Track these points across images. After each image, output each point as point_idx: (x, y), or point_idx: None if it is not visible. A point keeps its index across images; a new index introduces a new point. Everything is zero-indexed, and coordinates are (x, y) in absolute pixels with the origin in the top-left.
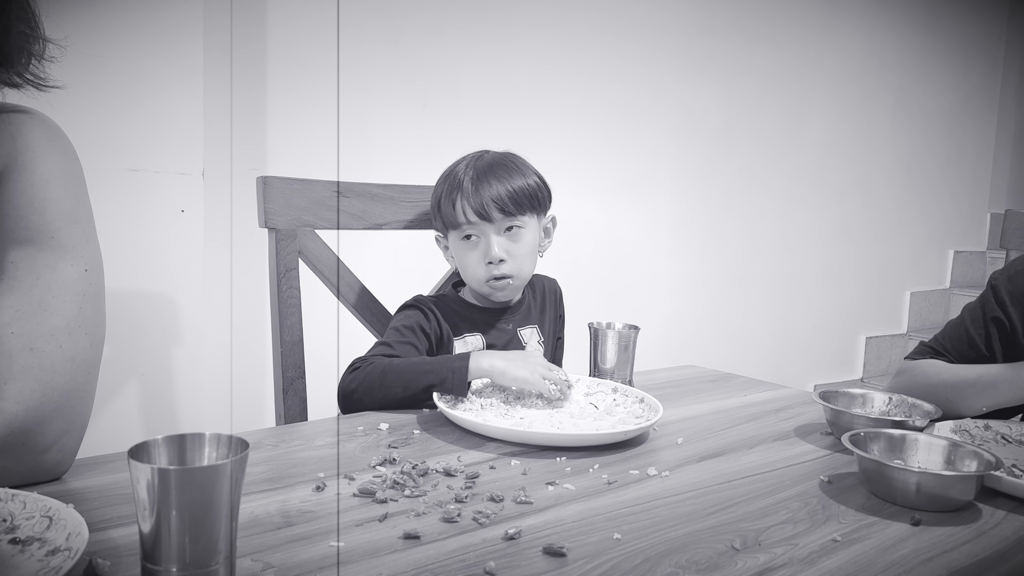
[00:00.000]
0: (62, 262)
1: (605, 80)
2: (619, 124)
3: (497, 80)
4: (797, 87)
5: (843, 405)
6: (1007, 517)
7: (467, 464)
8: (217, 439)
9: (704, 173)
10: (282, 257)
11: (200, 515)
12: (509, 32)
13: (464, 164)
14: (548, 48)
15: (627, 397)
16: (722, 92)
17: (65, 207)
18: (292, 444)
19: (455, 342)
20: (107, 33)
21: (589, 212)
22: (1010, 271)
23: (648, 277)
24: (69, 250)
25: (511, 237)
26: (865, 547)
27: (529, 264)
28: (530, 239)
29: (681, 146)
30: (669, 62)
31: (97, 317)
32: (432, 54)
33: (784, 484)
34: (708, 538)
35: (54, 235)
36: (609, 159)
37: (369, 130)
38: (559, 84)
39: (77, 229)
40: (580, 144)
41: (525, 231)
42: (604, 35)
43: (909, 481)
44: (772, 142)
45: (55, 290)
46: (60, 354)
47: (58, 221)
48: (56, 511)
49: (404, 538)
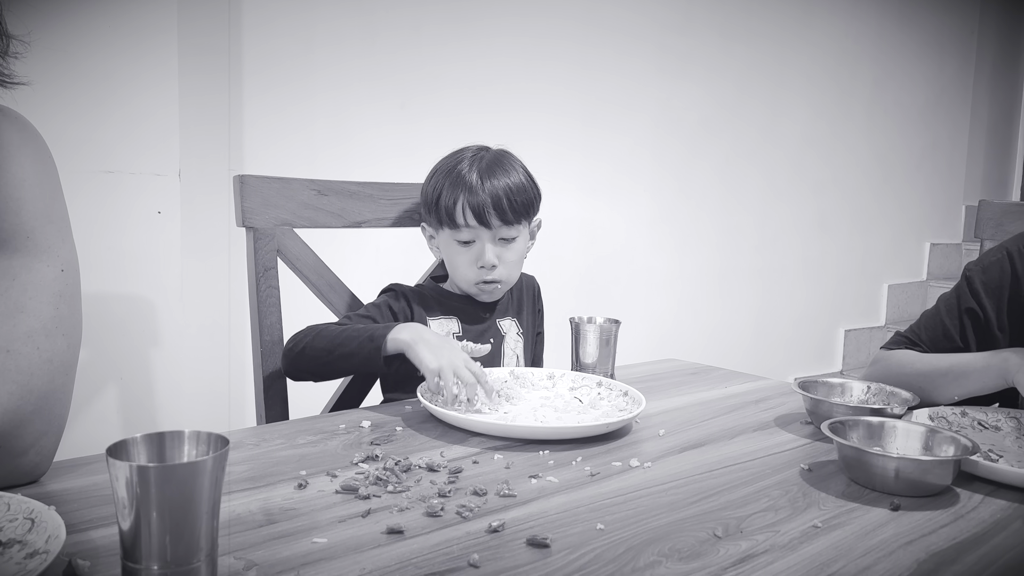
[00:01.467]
0: (38, 262)
1: (584, 77)
2: (599, 120)
3: (475, 78)
4: (774, 83)
5: (822, 394)
6: (984, 501)
7: (450, 459)
8: (196, 436)
9: (683, 169)
10: (260, 256)
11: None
12: (486, 30)
13: (467, 163)
14: (526, 46)
15: (611, 391)
16: (700, 88)
17: (40, 207)
18: (273, 443)
19: (430, 323)
20: (82, 33)
21: (570, 208)
22: (984, 262)
23: (629, 272)
24: (45, 250)
25: (504, 244)
26: (845, 532)
27: (518, 269)
28: (521, 246)
29: (660, 142)
30: (647, 58)
31: (74, 318)
32: (409, 54)
33: (765, 473)
34: (690, 527)
35: (29, 235)
36: (589, 155)
37: (347, 130)
38: (538, 81)
39: (52, 229)
40: (560, 140)
41: (518, 239)
42: (582, 32)
43: (888, 467)
44: (750, 137)
45: (31, 291)
46: (37, 356)
47: (33, 221)
48: (38, 513)
49: (387, 533)
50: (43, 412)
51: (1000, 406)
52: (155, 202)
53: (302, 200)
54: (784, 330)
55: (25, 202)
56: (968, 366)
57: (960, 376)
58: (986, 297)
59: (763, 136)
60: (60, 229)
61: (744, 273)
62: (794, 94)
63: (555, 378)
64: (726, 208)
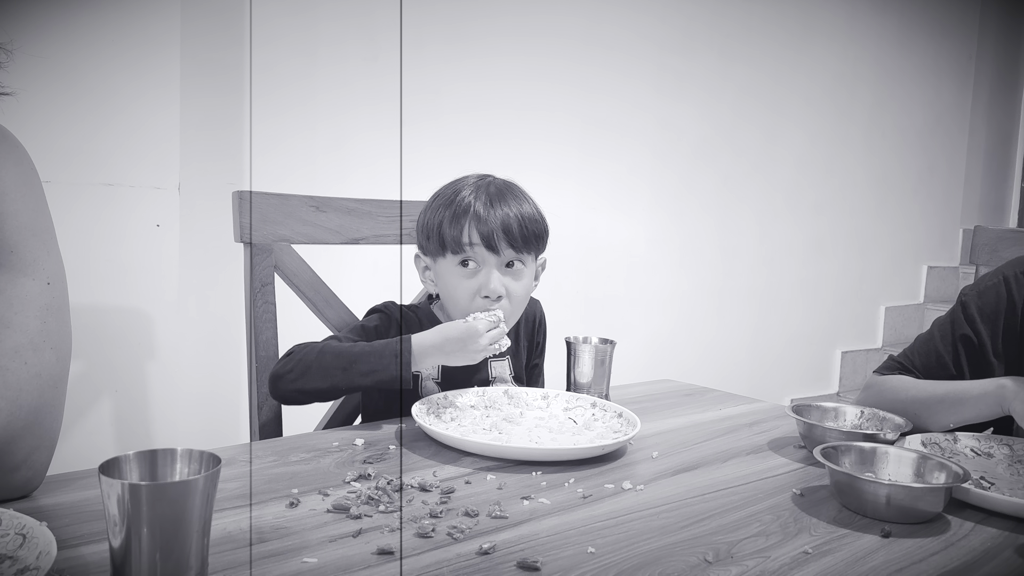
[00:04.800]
0: (23, 276)
1: (583, 97)
2: (597, 140)
3: (476, 98)
4: (772, 104)
5: (815, 418)
6: (975, 529)
7: (443, 479)
8: (189, 455)
9: (681, 189)
10: (257, 272)
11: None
12: (487, 50)
13: (469, 189)
14: (527, 65)
15: (606, 412)
16: (698, 109)
17: (23, 220)
18: (266, 460)
19: None
20: (84, 45)
21: (567, 227)
22: (980, 287)
23: (626, 291)
24: (30, 264)
25: (512, 274)
26: (836, 559)
27: (520, 308)
28: (528, 280)
29: (658, 162)
30: (646, 79)
31: (62, 331)
32: (411, 73)
33: (757, 497)
34: (681, 551)
35: (13, 249)
36: (587, 174)
37: (347, 148)
38: (537, 101)
39: (37, 242)
40: (559, 159)
41: (526, 270)
42: (582, 52)
43: (879, 493)
44: (748, 158)
45: (16, 306)
46: (25, 371)
47: (17, 235)
48: (30, 529)
49: (378, 553)
50: (34, 427)
51: (994, 432)
52: (154, 215)
53: (301, 216)
54: (781, 351)
55: (7, 216)
56: (964, 393)
57: (956, 403)
58: (981, 323)
59: (761, 157)
60: (45, 241)
61: (741, 293)
62: (792, 116)
63: (549, 398)
64: (723, 228)
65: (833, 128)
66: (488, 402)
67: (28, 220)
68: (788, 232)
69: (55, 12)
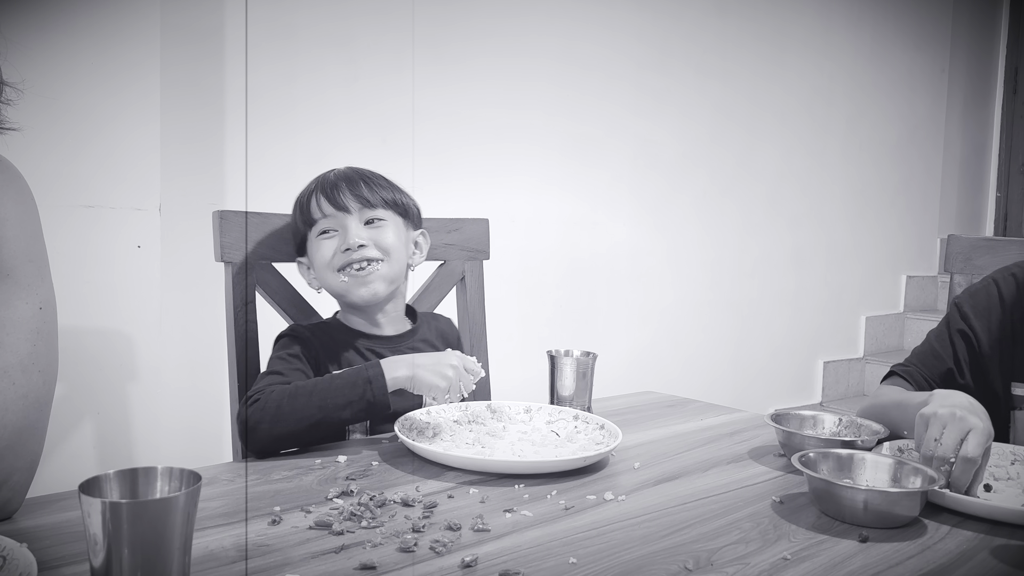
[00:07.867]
0: (16, 299)
1: (563, 114)
2: (577, 155)
3: (456, 115)
4: (749, 120)
5: (794, 427)
6: (951, 532)
7: (425, 494)
8: (169, 472)
9: (661, 203)
10: (239, 291)
11: (152, 549)
12: (467, 69)
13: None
14: (506, 84)
15: (588, 424)
16: (676, 124)
17: (21, 246)
18: (249, 478)
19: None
20: (63, 71)
21: (548, 241)
22: (971, 290)
23: (608, 304)
24: (24, 288)
25: (373, 228)
26: (814, 564)
27: (397, 258)
28: (393, 235)
29: (638, 176)
30: (624, 96)
31: (50, 355)
32: (391, 90)
33: (737, 505)
34: (662, 560)
35: (10, 273)
36: (568, 190)
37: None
38: (517, 117)
39: (32, 268)
40: (539, 175)
41: (388, 225)
42: (560, 70)
43: (857, 499)
44: (726, 173)
45: (9, 327)
46: (13, 391)
47: (14, 259)
48: (10, 550)
49: (360, 569)
50: (16, 448)
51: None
52: (135, 236)
53: (281, 234)
54: (763, 362)
55: (6, 241)
56: (909, 400)
57: (903, 410)
58: (976, 319)
59: (739, 171)
60: (39, 268)
61: (722, 306)
62: (770, 131)
63: (532, 411)
64: (704, 242)
65: (810, 142)
66: (471, 416)
67: (25, 247)
68: (769, 244)
69: (33, 36)
